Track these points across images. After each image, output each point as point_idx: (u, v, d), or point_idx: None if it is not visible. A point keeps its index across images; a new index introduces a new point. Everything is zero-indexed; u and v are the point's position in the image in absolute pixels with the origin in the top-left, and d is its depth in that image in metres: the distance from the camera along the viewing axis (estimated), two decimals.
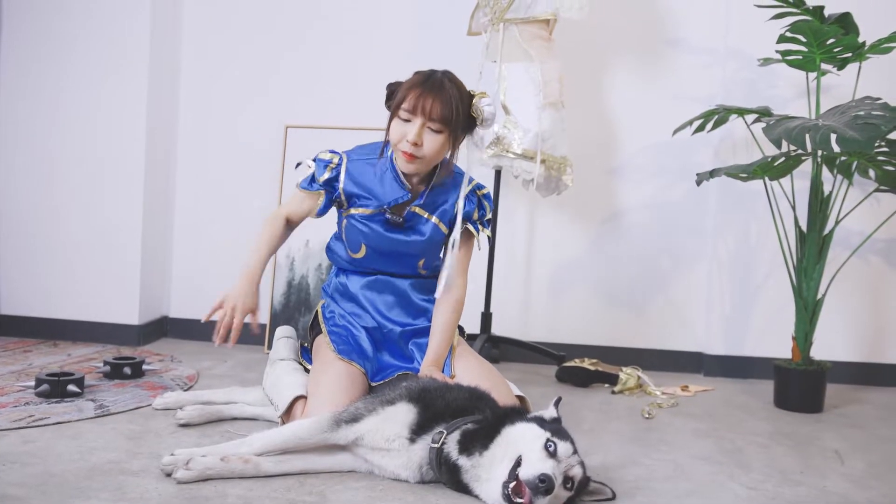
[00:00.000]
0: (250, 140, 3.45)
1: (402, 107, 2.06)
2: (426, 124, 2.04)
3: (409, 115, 2.05)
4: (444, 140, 2.08)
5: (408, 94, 2.05)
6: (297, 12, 3.43)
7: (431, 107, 2.03)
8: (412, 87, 2.06)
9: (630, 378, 2.92)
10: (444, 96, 2.04)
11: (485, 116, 2.13)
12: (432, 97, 2.03)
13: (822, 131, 2.40)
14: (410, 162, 2.09)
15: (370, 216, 2.18)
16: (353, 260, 2.27)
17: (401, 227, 2.18)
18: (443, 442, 1.70)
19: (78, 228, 3.29)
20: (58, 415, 2.15)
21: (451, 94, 2.05)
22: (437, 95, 2.04)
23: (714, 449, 2.23)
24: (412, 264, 2.24)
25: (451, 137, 2.09)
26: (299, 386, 2.10)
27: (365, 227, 2.19)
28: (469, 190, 2.20)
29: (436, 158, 2.11)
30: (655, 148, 3.34)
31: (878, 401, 2.97)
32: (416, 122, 2.04)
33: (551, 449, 1.61)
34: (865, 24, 2.76)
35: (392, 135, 2.10)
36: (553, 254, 3.40)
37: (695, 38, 3.32)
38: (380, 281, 2.26)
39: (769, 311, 3.24)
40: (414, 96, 2.04)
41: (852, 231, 3.14)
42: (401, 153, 2.09)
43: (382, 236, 2.18)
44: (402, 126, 2.07)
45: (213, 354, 3.15)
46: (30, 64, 3.30)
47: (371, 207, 2.18)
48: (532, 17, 2.90)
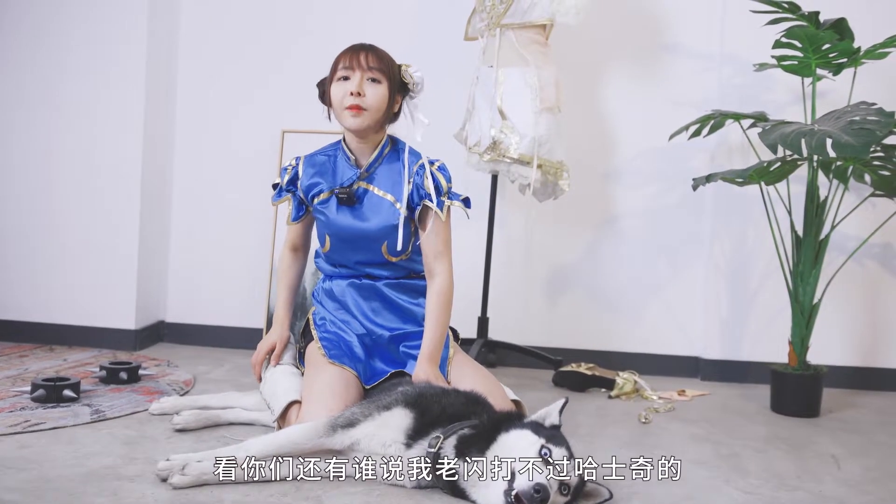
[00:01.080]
0: (247, 145, 3.45)
1: (339, 66, 2.16)
2: (365, 75, 2.14)
3: (346, 73, 2.15)
4: (385, 91, 2.15)
5: (341, 58, 2.18)
6: (293, 17, 3.43)
7: (367, 59, 2.14)
8: (343, 52, 2.19)
9: (627, 383, 2.92)
10: (376, 51, 2.18)
11: (415, 80, 2.22)
12: (365, 51, 2.16)
13: (817, 136, 2.41)
14: (357, 115, 2.13)
15: (325, 200, 2.22)
16: (327, 257, 2.29)
17: (352, 206, 2.19)
18: (439, 446, 1.70)
19: (74, 233, 3.29)
20: (54, 420, 2.15)
21: (381, 51, 2.20)
22: (370, 50, 2.17)
23: (711, 453, 2.23)
24: (376, 249, 2.21)
25: (390, 92, 2.16)
26: (294, 391, 2.10)
27: (323, 215, 2.22)
28: (419, 165, 2.20)
29: (380, 111, 2.15)
30: (652, 153, 3.34)
31: (875, 405, 2.97)
32: (356, 75, 2.14)
33: (546, 456, 1.61)
34: (860, 29, 2.77)
35: (334, 97, 2.17)
36: (550, 258, 3.40)
37: (690, 43, 3.33)
38: (364, 287, 2.25)
39: (765, 315, 3.24)
40: (348, 55, 2.16)
41: (848, 236, 3.15)
42: (346, 111, 2.14)
43: (339, 220, 2.20)
44: (343, 85, 2.15)
45: (210, 359, 3.14)
46: (26, 69, 3.30)
47: (325, 191, 2.22)
48: (529, 22, 2.91)
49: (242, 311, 3.42)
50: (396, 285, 2.26)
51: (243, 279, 3.43)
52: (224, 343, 3.41)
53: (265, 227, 3.38)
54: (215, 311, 3.45)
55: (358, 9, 3.41)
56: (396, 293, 2.26)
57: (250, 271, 3.41)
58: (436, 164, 2.22)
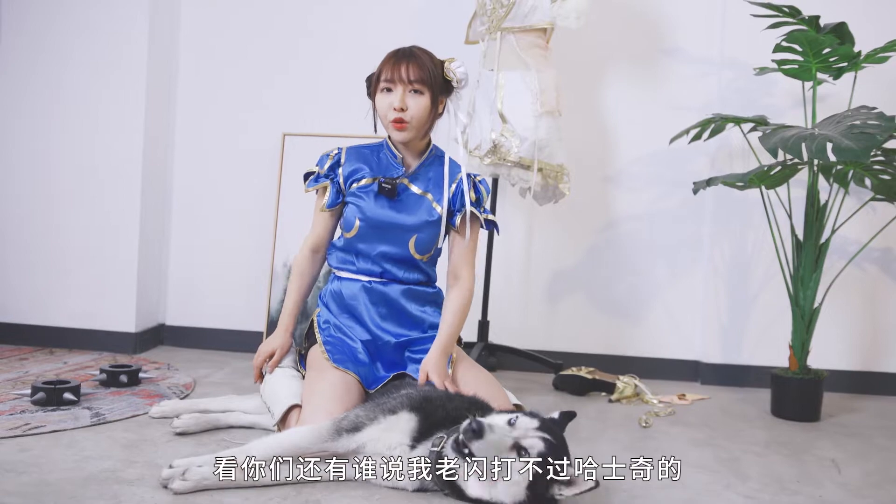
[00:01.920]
0: (247, 148, 3.45)
1: (382, 79, 2.19)
2: (407, 88, 2.16)
3: (389, 85, 2.18)
4: (427, 102, 2.19)
5: (383, 68, 2.20)
6: (294, 20, 3.44)
7: (408, 71, 2.16)
8: (386, 60, 2.21)
9: (627, 387, 2.92)
10: (418, 60, 2.18)
11: (458, 77, 2.24)
12: (406, 62, 2.17)
13: (818, 140, 2.41)
14: (401, 129, 2.18)
15: (366, 186, 2.25)
16: (348, 244, 2.27)
17: (392, 197, 2.22)
18: (442, 446, 1.70)
19: (74, 236, 3.29)
20: (53, 423, 2.15)
21: (423, 58, 2.20)
22: (411, 60, 2.18)
23: (711, 458, 2.22)
24: (404, 242, 2.23)
25: (433, 99, 2.19)
26: (295, 395, 2.10)
27: (359, 200, 2.24)
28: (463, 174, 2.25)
29: (423, 121, 2.20)
30: (652, 157, 3.35)
31: (875, 409, 2.97)
32: (398, 88, 2.17)
33: (512, 422, 1.64)
34: (861, 33, 2.77)
35: (379, 107, 2.22)
36: (550, 262, 3.40)
37: (691, 47, 3.33)
38: (374, 291, 2.25)
39: (766, 319, 3.24)
40: (389, 67, 2.18)
41: (848, 240, 3.15)
42: (390, 124, 2.19)
43: (375, 208, 2.22)
44: (386, 97, 2.19)
45: (210, 362, 3.14)
46: (27, 72, 3.31)
47: (368, 177, 2.25)
48: (529, 25, 2.91)
49: (242, 315, 3.42)
50: (407, 291, 2.25)
51: (243, 282, 3.43)
52: (224, 346, 3.41)
53: (265, 231, 3.38)
54: (215, 314, 3.45)
55: (359, 12, 3.42)
56: (406, 300, 2.25)
57: (250, 274, 3.41)
58: (478, 178, 2.31)
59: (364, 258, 2.26)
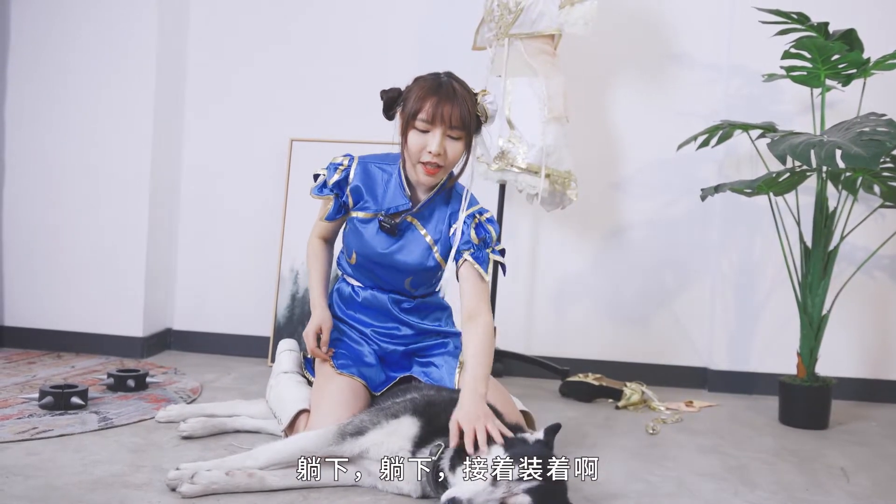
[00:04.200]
0: (255, 153, 3.46)
1: (420, 117, 2.00)
2: (447, 132, 2.00)
3: (427, 126, 2.00)
4: (462, 146, 2.04)
5: (423, 105, 1.99)
6: (304, 27, 3.45)
7: (451, 115, 1.98)
8: (426, 95, 2.00)
9: (634, 393, 2.91)
10: (460, 102, 2.00)
11: (489, 114, 2.09)
12: (450, 104, 1.98)
13: (826, 147, 2.40)
14: (432, 174, 2.03)
15: (367, 220, 2.15)
16: (350, 266, 2.26)
17: (392, 235, 2.12)
18: (439, 455, 1.70)
19: (82, 240, 3.30)
20: (61, 427, 2.15)
21: (464, 98, 2.02)
22: (454, 102, 1.99)
23: (718, 465, 2.22)
24: (400, 281, 2.18)
25: (468, 143, 2.06)
26: (303, 400, 2.10)
27: (359, 232, 2.16)
28: (467, 214, 2.11)
29: (455, 164, 2.08)
30: (659, 163, 3.34)
31: (884, 417, 2.95)
32: (437, 131, 1.99)
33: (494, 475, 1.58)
34: (870, 40, 2.77)
35: (411, 147, 2.03)
36: (557, 268, 3.40)
37: (698, 53, 3.33)
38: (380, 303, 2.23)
39: (774, 326, 3.23)
40: (431, 105, 1.98)
41: (857, 247, 3.14)
42: (421, 166, 2.03)
43: (374, 244, 2.14)
44: (421, 137, 2.01)
45: (217, 367, 3.15)
46: (35, 79, 3.32)
47: (370, 211, 2.15)
48: (537, 32, 2.91)
49: (250, 319, 3.42)
50: (412, 310, 2.24)
51: (250, 287, 3.43)
52: (231, 351, 3.42)
53: (273, 235, 3.38)
54: (222, 319, 3.46)
55: (368, 22, 3.42)
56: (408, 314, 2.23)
57: (258, 279, 3.42)
58: (485, 216, 2.13)
59: (365, 279, 2.25)
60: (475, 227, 2.10)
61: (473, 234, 2.08)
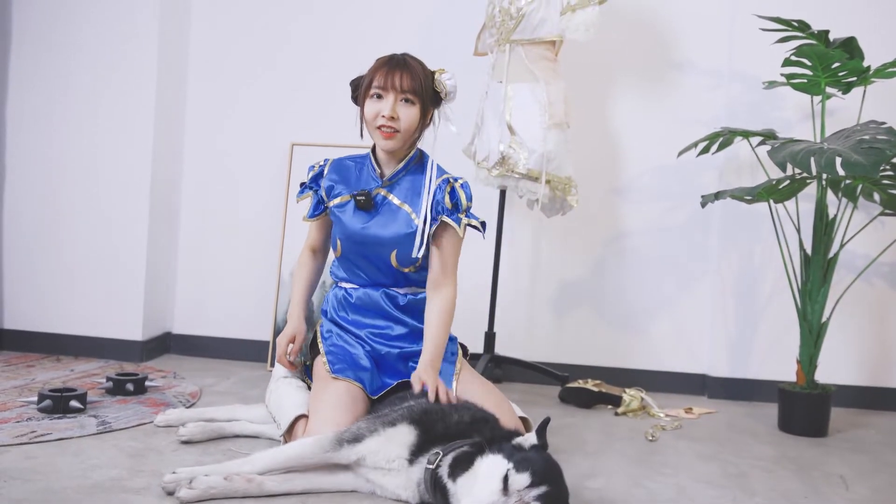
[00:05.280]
0: (256, 157, 3.46)
1: (374, 85, 2.15)
2: (398, 97, 2.14)
3: (380, 91, 2.15)
4: (417, 112, 2.17)
5: (376, 74, 2.16)
6: (306, 34, 3.45)
7: (401, 80, 2.14)
8: (379, 67, 2.18)
9: (633, 399, 2.91)
10: (411, 70, 2.16)
11: (447, 90, 2.23)
12: (400, 71, 2.15)
13: (826, 155, 2.40)
14: (389, 138, 2.16)
15: (343, 204, 2.23)
16: (339, 262, 2.29)
17: (369, 211, 2.20)
18: (438, 463, 1.70)
19: (82, 243, 3.30)
20: (60, 431, 2.15)
21: (416, 68, 2.18)
22: (405, 70, 2.15)
23: (718, 472, 2.21)
24: (385, 257, 2.20)
25: (423, 109, 2.18)
26: (301, 405, 2.10)
27: (339, 218, 2.23)
28: (442, 179, 2.20)
29: (411, 131, 2.18)
30: (660, 169, 3.34)
31: (884, 425, 2.95)
32: (389, 96, 2.14)
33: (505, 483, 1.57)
34: (870, 48, 2.77)
35: (367, 114, 2.18)
36: (557, 274, 3.40)
37: (699, 60, 3.34)
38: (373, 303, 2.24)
39: (773, 333, 3.23)
40: (382, 74, 2.15)
41: (857, 254, 3.14)
42: (377, 130, 2.17)
43: (353, 224, 2.20)
44: (376, 104, 2.16)
45: (216, 371, 3.15)
46: (37, 82, 3.33)
47: (345, 194, 2.24)
48: (538, 38, 2.92)
49: (249, 324, 3.42)
50: (404, 304, 2.25)
51: (251, 291, 3.43)
52: (231, 355, 3.41)
53: (273, 240, 3.39)
54: (222, 322, 3.46)
55: (368, 25, 3.43)
56: (402, 312, 2.24)
57: (258, 283, 3.42)
58: (459, 182, 2.23)
59: (355, 275, 2.26)
60: (449, 192, 2.20)
61: (448, 200, 2.19)
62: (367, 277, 2.25)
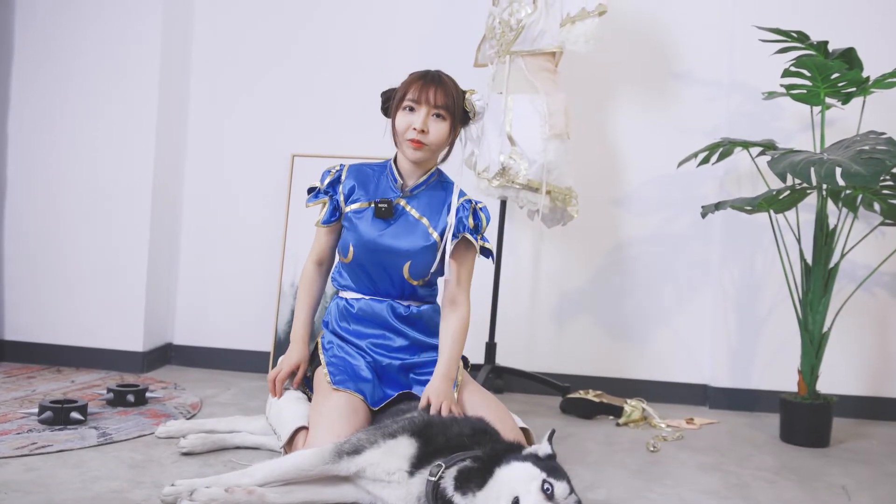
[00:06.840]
0: (257, 168, 3.47)
1: (407, 97, 2.18)
2: (431, 111, 2.17)
3: (413, 104, 2.17)
4: (447, 127, 2.19)
5: (410, 87, 2.19)
6: (307, 43, 3.47)
7: (435, 95, 2.16)
8: (413, 80, 2.20)
9: (635, 410, 2.90)
10: (445, 86, 2.19)
11: (476, 110, 2.26)
12: (434, 86, 2.18)
13: (826, 165, 2.41)
14: (417, 149, 2.18)
15: (361, 210, 2.23)
16: (345, 270, 2.28)
17: (388, 217, 2.21)
18: (440, 476, 1.69)
19: (83, 255, 3.31)
20: (60, 442, 2.15)
21: (450, 85, 2.21)
22: (439, 85, 2.19)
23: (719, 483, 2.21)
24: (398, 268, 2.20)
25: (452, 126, 2.21)
26: (302, 417, 2.09)
27: (354, 224, 2.22)
28: (465, 199, 2.24)
29: (440, 146, 2.21)
30: (660, 180, 3.35)
31: (886, 435, 2.94)
32: (422, 110, 2.16)
33: (548, 491, 1.57)
34: (869, 59, 2.78)
35: (399, 125, 2.20)
36: (558, 284, 3.40)
37: (699, 71, 3.35)
38: (376, 314, 2.24)
39: (774, 344, 3.23)
40: (417, 87, 2.18)
41: (858, 264, 3.14)
42: (407, 142, 2.18)
43: (370, 231, 2.20)
44: (408, 116, 2.18)
45: (217, 382, 3.14)
46: (38, 93, 3.34)
47: (364, 200, 2.25)
48: (538, 49, 2.93)
49: (250, 335, 3.42)
50: (408, 319, 2.25)
51: (251, 302, 3.44)
52: (231, 366, 3.41)
53: (274, 250, 3.39)
54: (223, 334, 3.46)
55: (369, 36, 3.44)
56: (406, 324, 2.24)
57: (258, 295, 3.42)
58: (480, 205, 2.28)
59: (360, 283, 2.26)
60: (472, 212, 2.24)
61: (471, 220, 2.23)
62: (373, 287, 2.25)
